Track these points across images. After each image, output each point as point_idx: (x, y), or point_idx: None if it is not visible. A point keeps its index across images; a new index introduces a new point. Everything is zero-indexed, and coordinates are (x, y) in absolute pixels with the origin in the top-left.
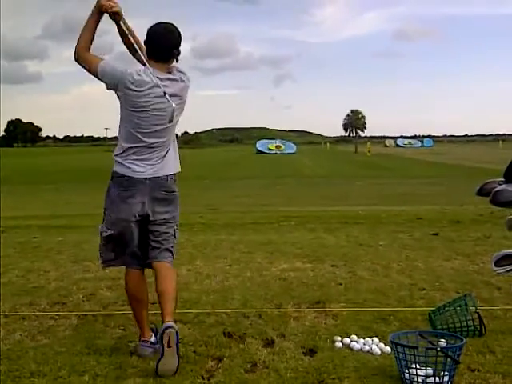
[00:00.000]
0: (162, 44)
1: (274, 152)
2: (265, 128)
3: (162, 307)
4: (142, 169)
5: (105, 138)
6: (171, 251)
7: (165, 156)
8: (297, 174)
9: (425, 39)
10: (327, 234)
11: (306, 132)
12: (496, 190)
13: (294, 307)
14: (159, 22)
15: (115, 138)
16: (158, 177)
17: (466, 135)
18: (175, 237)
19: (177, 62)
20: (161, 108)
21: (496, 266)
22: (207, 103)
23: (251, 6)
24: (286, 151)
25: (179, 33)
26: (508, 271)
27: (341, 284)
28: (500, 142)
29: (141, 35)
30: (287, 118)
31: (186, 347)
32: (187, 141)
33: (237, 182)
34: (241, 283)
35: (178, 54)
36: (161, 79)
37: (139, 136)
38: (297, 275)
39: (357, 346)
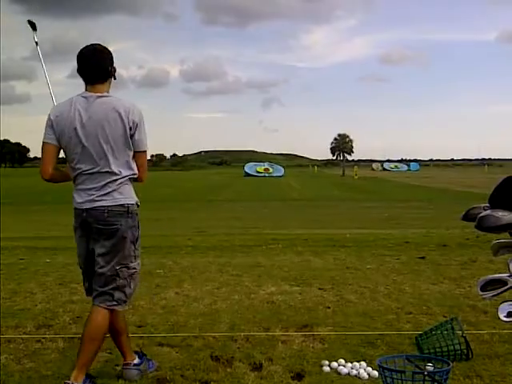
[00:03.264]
0: (85, 66)
1: (262, 175)
2: (253, 151)
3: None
4: (80, 199)
5: None
6: (110, 294)
7: (104, 186)
8: (285, 196)
9: (410, 64)
10: (315, 256)
11: (293, 155)
12: (481, 215)
13: (281, 331)
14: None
15: None
16: (93, 208)
17: (452, 159)
18: (119, 277)
19: (114, 78)
20: (89, 133)
21: (482, 290)
22: (196, 126)
23: (239, 30)
24: (274, 174)
25: (102, 53)
26: (493, 296)
27: (328, 307)
28: (486, 166)
29: (127, 58)
30: (275, 141)
31: (174, 371)
32: (176, 163)
33: (225, 205)
34: (229, 306)
35: (106, 73)
36: (87, 101)
37: (74, 163)
38: (285, 298)
39: (344, 370)
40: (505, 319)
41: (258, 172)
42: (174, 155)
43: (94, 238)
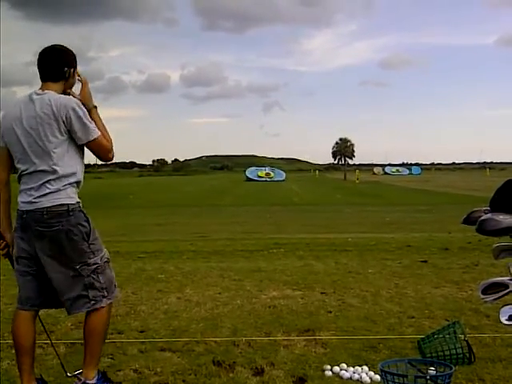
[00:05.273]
0: (38, 63)
1: (263, 179)
2: (254, 155)
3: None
4: (21, 199)
5: (94, 165)
6: (84, 295)
7: (42, 186)
8: (286, 201)
9: (411, 68)
10: (316, 261)
11: (295, 159)
12: (482, 218)
13: (283, 335)
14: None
15: (104, 165)
16: (32, 210)
17: (454, 163)
18: (83, 275)
19: (66, 80)
20: (25, 132)
21: (483, 294)
22: (197, 131)
23: (239, 34)
24: (276, 178)
25: (60, 52)
26: (495, 299)
27: (330, 312)
28: (487, 169)
29: (127, 64)
30: (276, 146)
31: (175, 376)
32: (177, 168)
33: (227, 209)
34: (230, 311)
35: (58, 73)
36: (29, 99)
37: (16, 162)
38: (286, 303)
39: (346, 374)
40: (506, 322)
41: (260, 176)
42: (176, 160)
43: (39, 242)
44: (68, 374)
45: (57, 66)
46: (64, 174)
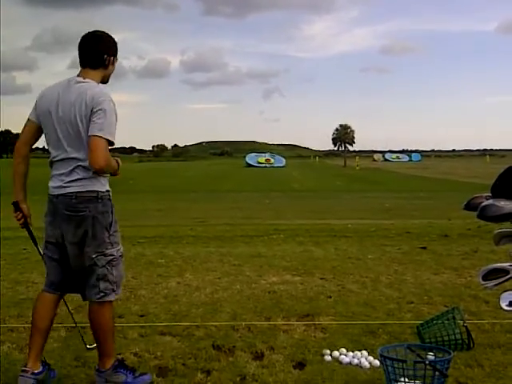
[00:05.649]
0: (79, 48)
1: (263, 165)
2: (254, 141)
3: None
4: (52, 184)
5: None
6: (95, 285)
7: (72, 171)
8: (286, 187)
9: (411, 55)
10: (316, 247)
11: (294, 146)
12: (483, 204)
13: (283, 320)
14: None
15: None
16: (63, 194)
17: (454, 150)
18: (98, 265)
19: (105, 68)
20: (59, 117)
21: (483, 280)
22: (197, 116)
23: (239, 20)
24: (276, 165)
25: (100, 39)
26: (495, 285)
27: (330, 297)
28: (487, 156)
29: (127, 49)
30: (276, 132)
31: (175, 360)
32: (177, 154)
33: (226, 195)
34: (230, 296)
35: (98, 60)
36: (68, 84)
37: (49, 147)
38: (286, 288)
39: (346, 359)
40: (507, 308)
41: (260, 163)
42: (175, 146)
43: (65, 227)
44: (88, 347)
45: (96, 52)
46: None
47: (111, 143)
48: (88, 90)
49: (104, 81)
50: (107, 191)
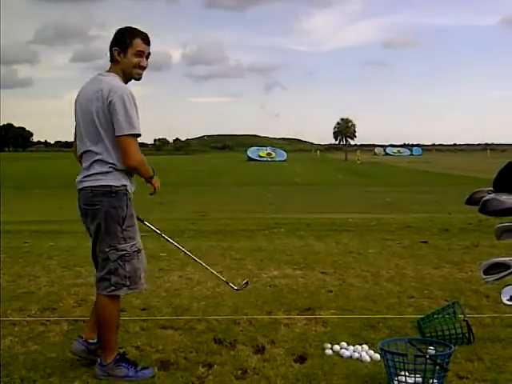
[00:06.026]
0: None
1: (264, 159)
2: (255, 135)
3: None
4: (77, 179)
5: None
6: (107, 279)
7: (90, 166)
8: (287, 181)
9: (413, 49)
10: (317, 241)
11: (296, 140)
12: (485, 199)
13: (284, 314)
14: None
15: None
16: (82, 188)
17: (455, 144)
18: (110, 260)
19: (117, 62)
20: (82, 111)
21: (485, 274)
22: (198, 110)
23: (240, 13)
24: (277, 158)
25: (115, 34)
26: (496, 279)
27: (331, 291)
28: (488, 151)
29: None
30: (277, 126)
31: (177, 353)
32: (178, 147)
33: (228, 189)
34: (231, 290)
35: (111, 54)
36: (94, 79)
37: (77, 141)
38: (287, 282)
39: (346, 353)
40: (508, 303)
41: (261, 156)
42: (177, 139)
43: (85, 220)
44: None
45: (110, 47)
46: (110, 156)
47: (138, 135)
48: (104, 84)
49: (126, 75)
50: (123, 186)
